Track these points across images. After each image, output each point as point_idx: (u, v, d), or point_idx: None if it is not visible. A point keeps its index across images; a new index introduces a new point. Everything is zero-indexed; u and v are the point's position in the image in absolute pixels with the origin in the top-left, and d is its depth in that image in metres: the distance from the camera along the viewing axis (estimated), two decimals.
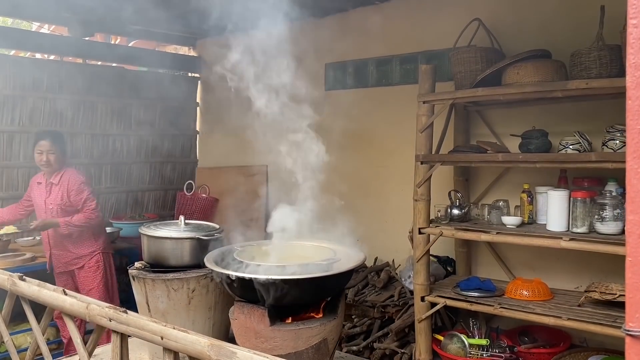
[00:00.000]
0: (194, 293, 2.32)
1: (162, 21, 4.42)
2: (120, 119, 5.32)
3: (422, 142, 3.39)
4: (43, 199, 3.77)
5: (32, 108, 4.69)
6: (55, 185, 3.76)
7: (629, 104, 0.91)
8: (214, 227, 2.68)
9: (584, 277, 3.39)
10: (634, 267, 0.91)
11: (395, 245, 4.24)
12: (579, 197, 2.95)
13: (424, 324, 3.38)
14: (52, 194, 3.76)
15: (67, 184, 3.73)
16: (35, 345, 2.07)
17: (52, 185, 3.76)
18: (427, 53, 4.25)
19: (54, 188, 3.76)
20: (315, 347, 1.84)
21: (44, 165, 3.73)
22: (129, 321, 1.59)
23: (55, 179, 3.76)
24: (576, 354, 3.20)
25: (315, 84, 4.92)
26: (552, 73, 3.02)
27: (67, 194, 3.72)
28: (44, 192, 3.78)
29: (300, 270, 1.90)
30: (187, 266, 2.42)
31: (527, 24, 3.62)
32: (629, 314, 0.93)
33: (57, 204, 3.72)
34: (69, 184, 3.73)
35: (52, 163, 3.72)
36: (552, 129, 3.25)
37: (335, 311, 1.99)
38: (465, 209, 3.47)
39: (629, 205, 0.92)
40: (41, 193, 3.79)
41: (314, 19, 4.74)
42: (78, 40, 4.94)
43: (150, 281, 2.34)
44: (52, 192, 3.76)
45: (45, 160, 3.70)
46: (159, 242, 2.47)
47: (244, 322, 1.91)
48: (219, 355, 1.34)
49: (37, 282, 2.00)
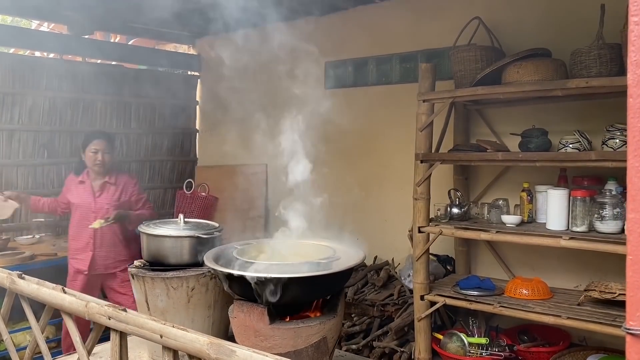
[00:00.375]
0: (194, 291, 2.32)
1: (162, 19, 4.41)
2: (119, 118, 5.31)
3: (421, 141, 3.38)
4: (91, 198, 3.74)
5: (31, 106, 4.69)
6: (112, 185, 3.77)
7: (630, 102, 0.90)
8: (214, 225, 2.67)
9: (584, 276, 3.39)
10: (635, 266, 0.91)
11: (395, 244, 4.24)
12: (579, 196, 2.95)
13: (424, 323, 3.38)
14: (106, 193, 3.75)
15: (126, 185, 3.79)
16: (34, 344, 2.07)
17: (107, 184, 3.76)
18: (427, 52, 4.25)
19: (109, 187, 3.76)
20: (315, 345, 1.84)
21: (97, 165, 3.71)
22: (128, 319, 1.59)
23: (112, 179, 3.78)
24: (575, 352, 3.21)
25: (315, 82, 4.91)
26: (552, 72, 3.02)
27: (126, 195, 3.77)
28: (90, 191, 3.74)
29: (299, 268, 1.90)
30: (186, 264, 2.41)
31: (527, 23, 3.62)
32: (629, 312, 0.92)
33: (111, 204, 3.72)
34: (129, 185, 3.80)
35: (106, 163, 3.72)
36: (552, 127, 3.25)
37: (335, 310, 1.99)
38: (465, 207, 3.47)
39: (629, 203, 0.92)
40: (86, 192, 3.75)
41: (313, 17, 4.73)
42: (77, 38, 4.93)
43: (150, 279, 2.34)
44: (108, 191, 3.76)
45: (100, 160, 3.69)
46: (159, 240, 2.46)
47: (244, 321, 1.91)
48: (218, 353, 1.34)
49: (37, 281, 2.00)
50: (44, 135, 4.78)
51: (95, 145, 3.70)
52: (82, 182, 3.76)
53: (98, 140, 3.72)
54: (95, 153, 3.69)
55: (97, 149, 3.69)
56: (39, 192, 4.73)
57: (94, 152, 3.69)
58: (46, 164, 4.82)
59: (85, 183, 3.75)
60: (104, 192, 3.74)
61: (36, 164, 4.75)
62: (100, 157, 3.69)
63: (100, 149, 3.69)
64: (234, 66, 3.49)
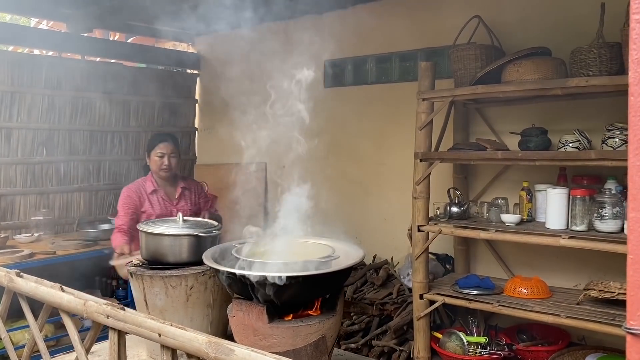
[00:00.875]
0: (192, 290, 2.32)
1: (161, 17, 4.41)
2: (118, 116, 5.31)
3: (421, 140, 3.38)
4: (171, 206, 3.40)
5: (30, 104, 4.68)
6: (187, 190, 3.49)
7: (632, 100, 0.90)
8: (213, 224, 2.67)
9: (583, 275, 3.39)
10: (636, 265, 0.91)
11: (394, 243, 4.24)
12: (578, 195, 2.95)
13: (423, 322, 3.38)
14: (185, 200, 3.46)
15: (197, 188, 3.58)
16: (32, 342, 2.06)
17: (184, 190, 3.47)
18: (427, 50, 4.25)
19: (185, 193, 3.47)
20: (314, 344, 1.83)
21: (164, 170, 3.36)
22: (127, 318, 1.58)
23: (186, 184, 3.51)
24: (574, 352, 3.20)
25: (314, 81, 4.90)
26: (552, 71, 3.01)
27: (198, 197, 3.54)
28: (167, 198, 3.41)
29: (299, 267, 1.89)
30: (185, 263, 2.41)
31: (527, 22, 3.62)
32: (630, 312, 0.92)
33: (189, 210, 3.43)
34: (198, 187, 3.60)
35: (173, 167, 3.39)
36: (551, 126, 3.25)
37: (334, 308, 1.99)
38: (464, 206, 3.47)
39: (630, 202, 0.91)
40: (163, 201, 3.39)
41: (313, 15, 4.73)
42: (76, 36, 4.92)
43: (148, 278, 2.33)
44: (185, 198, 3.47)
45: (167, 164, 3.35)
46: (157, 238, 2.45)
47: (242, 320, 1.90)
48: (217, 352, 1.33)
49: (35, 279, 1.99)
50: (43, 133, 4.77)
51: (161, 149, 3.36)
52: (155, 191, 3.39)
53: (164, 144, 3.37)
54: (162, 157, 3.35)
55: (164, 152, 3.36)
56: (36, 191, 4.74)
57: (159, 157, 3.35)
58: (45, 162, 4.81)
59: (158, 191, 3.40)
60: (181, 198, 3.45)
61: (35, 162, 4.74)
62: (166, 162, 3.35)
63: (166, 153, 3.36)
64: (232, 64, 3.48)
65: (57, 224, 4.84)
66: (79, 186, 5.05)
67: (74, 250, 4.12)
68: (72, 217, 4.99)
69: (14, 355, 2.19)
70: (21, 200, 4.68)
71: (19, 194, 4.65)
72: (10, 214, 4.62)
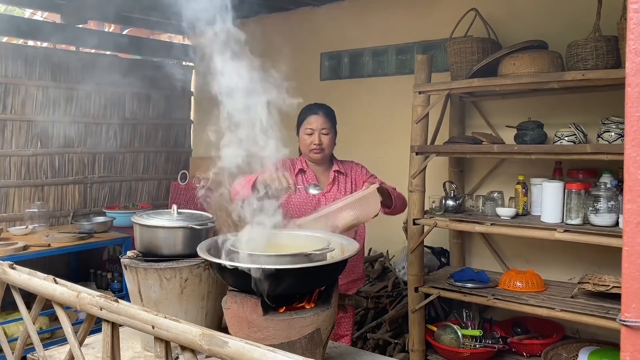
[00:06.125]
0: (187, 282, 2.31)
1: (157, 9, 4.37)
2: (113, 108, 5.27)
3: (417, 133, 3.38)
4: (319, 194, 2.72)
5: (24, 96, 4.64)
6: (343, 175, 2.79)
7: (629, 91, 0.89)
8: (207, 216, 2.65)
9: (578, 269, 3.40)
10: (631, 257, 0.90)
11: (390, 236, 4.23)
12: (574, 189, 2.95)
13: (418, 315, 3.39)
14: (337, 186, 2.76)
15: (357, 175, 2.81)
16: (25, 335, 2.05)
17: (338, 175, 2.78)
18: (423, 43, 4.23)
19: (340, 179, 2.78)
20: (309, 337, 1.83)
21: (314, 151, 2.69)
22: (120, 310, 1.58)
23: (342, 167, 2.80)
24: (568, 345, 3.22)
25: (310, 73, 4.90)
26: (549, 64, 3.01)
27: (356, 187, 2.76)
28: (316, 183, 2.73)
29: (294, 259, 1.89)
30: (180, 255, 2.40)
31: (524, 15, 3.61)
32: (625, 304, 0.92)
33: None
34: (360, 174, 2.82)
35: (325, 147, 2.70)
36: (547, 120, 3.25)
37: (329, 301, 1.98)
38: (460, 200, 3.47)
39: (626, 193, 0.91)
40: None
41: (309, 8, 4.71)
42: (71, 28, 4.88)
43: (143, 270, 2.32)
44: (338, 183, 2.77)
45: (317, 143, 2.67)
46: (152, 231, 2.44)
47: (237, 312, 1.90)
48: (211, 344, 1.33)
49: (28, 271, 1.98)
50: (37, 125, 4.74)
51: (310, 124, 2.69)
52: (303, 171, 2.77)
53: (314, 117, 2.69)
54: (311, 134, 2.68)
55: (313, 128, 2.68)
56: (30, 183, 4.72)
57: (308, 134, 2.69)
58: (39, 154, 4.78)
59: (307, 173, 2.76)
60: (334, 184, 2.76)
61: (29, 154, 4.72)
62: (317, 140, 2.67)
63: (316, 129, 2.68)
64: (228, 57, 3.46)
65: (51, 216, 4.81)
66: (74, 178, 5.03)
67: (69, 243, 4.09)
68: (66, 210, 4.97)
69: (7, 347, 2.18)
70: (15, 192, 4.65)
71: (13, 186, 4.62)
72: (5, 207, 4.59)
